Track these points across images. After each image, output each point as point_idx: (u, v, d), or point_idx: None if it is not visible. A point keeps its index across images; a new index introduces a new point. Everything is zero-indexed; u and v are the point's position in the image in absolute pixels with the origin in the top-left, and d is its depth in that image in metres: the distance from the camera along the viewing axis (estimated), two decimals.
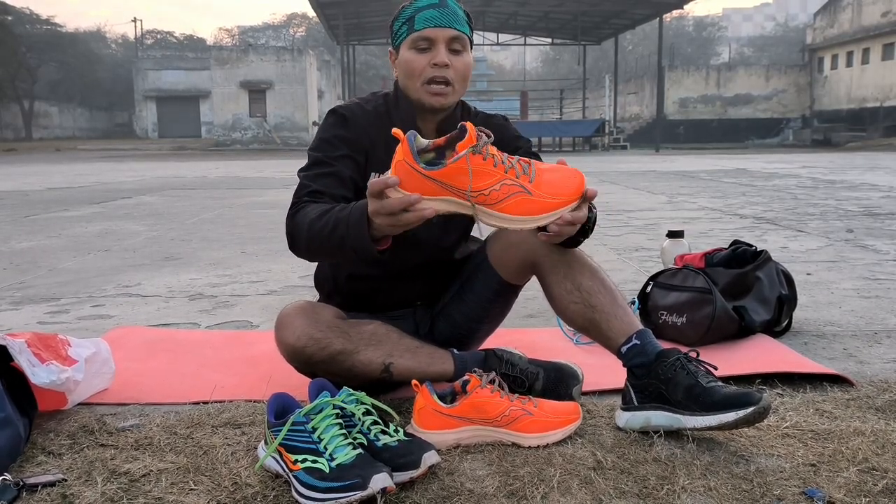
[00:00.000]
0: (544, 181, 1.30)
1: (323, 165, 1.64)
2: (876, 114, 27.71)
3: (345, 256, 1.50)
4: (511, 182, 1.28)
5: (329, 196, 1.58)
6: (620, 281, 3.13)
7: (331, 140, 1.67)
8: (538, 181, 1.29)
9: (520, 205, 1.28)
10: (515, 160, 1.32)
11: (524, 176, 1.29)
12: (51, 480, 1.31)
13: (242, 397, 1.77)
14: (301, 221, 1.53)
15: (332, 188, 1.60)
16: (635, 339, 1.56)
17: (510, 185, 1.28)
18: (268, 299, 2.95)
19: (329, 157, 1.64)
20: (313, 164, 1.65)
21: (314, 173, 1.63)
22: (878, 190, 7.75)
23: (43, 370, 1.56)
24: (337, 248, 1.45)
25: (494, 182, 1.28)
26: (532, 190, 1.28)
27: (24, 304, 2.91)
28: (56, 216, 6.11)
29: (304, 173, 1.65)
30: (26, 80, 39.43)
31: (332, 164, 1.63)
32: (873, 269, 3.37)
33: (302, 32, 56.15)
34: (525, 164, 1.31)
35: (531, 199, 1.28)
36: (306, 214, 1.52)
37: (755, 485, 1.30)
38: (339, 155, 1.65)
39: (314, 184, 1.61)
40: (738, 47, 59.05)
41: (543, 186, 1.29)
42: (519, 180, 1.28)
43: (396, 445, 1.34)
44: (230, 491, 1.29)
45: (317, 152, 1.66)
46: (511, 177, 1.28)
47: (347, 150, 1.66)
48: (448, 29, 1.62)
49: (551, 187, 1.29)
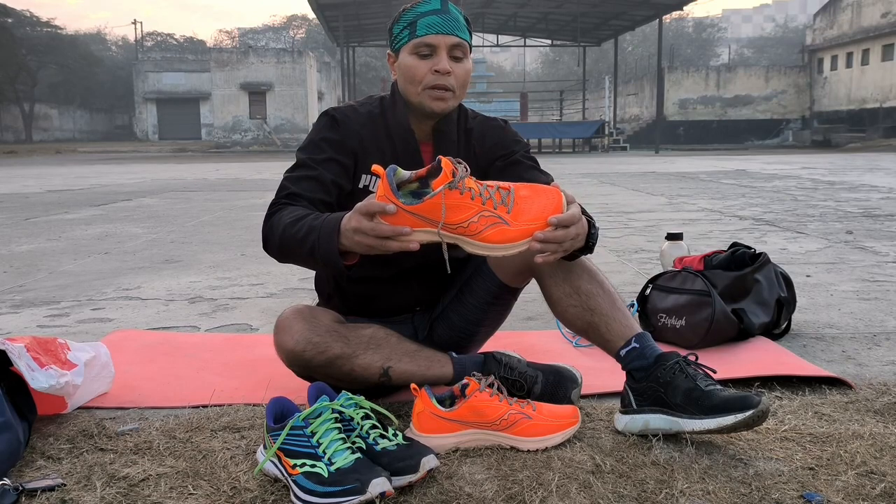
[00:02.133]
0: (523, 210, 1.34)
1: (306, 168, 1.66)
2: (875, 115, 27.72)
3: (314, 264, 1.53)
4: (489, 214, 1.33)
5: (307, 199, 1.61)
6: (619, 283, 3.13)
7: (318, 143, 1.68)
8: (517, 210, 1.34)
9: (498, 234, 1.33)
10: (495, 189, 1.35)
11: (502, 206, 1.34)
12: (50, 485, 1.31)
13: (241, 401, 1.77)
14: (276, 224, 1.55)
15: (311, 192, 1.62)
16: (634, 343, 1.56)
17: (488, 216, 1.33)
18: (267, 302, 2.96)
19: (314, 161, 1.66)
20: (298, 166, 1.68)
21: (297, 175, 1.66)
22: (878, 191, 7.75)
23: (42, 375, 1.56)
24: (307, 256, 1.47)
25: (472, 215, 1.33)
26: (510, 220, 1.33)
27: (23, 308, 2.91)
28: (56, 219, 6.11)
29: (288, 175, 1.68)
30: (26, 83, 39.46)
31: (314, 168, 1.65)
32: (873, 271, 3.37)
33: (302, 34, 56.18)
34: (504, 193, 1.35)
35: (509, 229, 1.33)
36: (281, 218, 1.55)
37: (753, 489, 1.30)
38: (323, 158, 1.66)
39: (293, 186, 1.63)
40: (738, 48, 59.10)
41: (522, 215, 1.34)
42: (497, 211, 1.33)
43: (395, 449, 1.34)
44: (229, 495, 1.30)
45: (303, 154, 1.69)
46: (489, 208, 1.33)
47: (334, 153, 1.67)
48: (450, 36, 1.62)
49: (529, 215, 1.34)
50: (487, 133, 1.79)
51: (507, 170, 1.73)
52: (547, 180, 1.73)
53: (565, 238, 1.35)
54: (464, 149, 1.76)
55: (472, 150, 1.76)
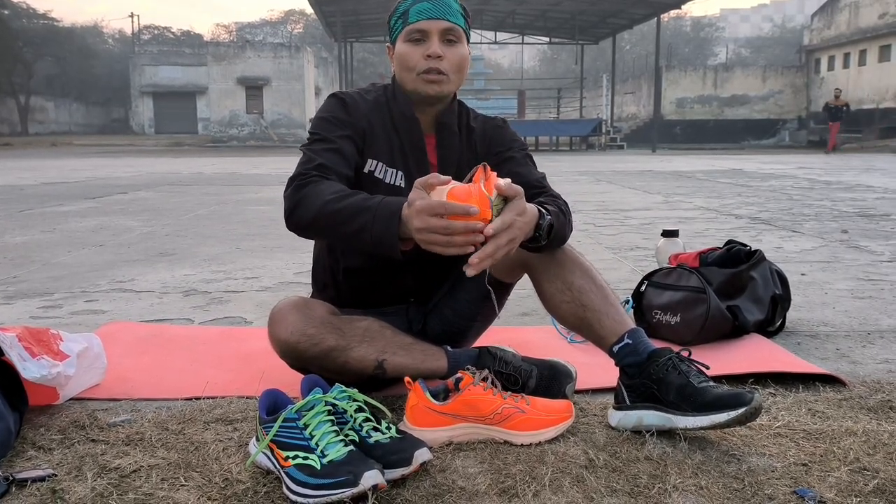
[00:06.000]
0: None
1: (327, 142, 1.63)
2: (872, 115, 27.75)
3: (356, 244, 1.47)
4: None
5: (335, 173, 1.57)
6: (615, 280, 3.13)
7: (332, 120, 1.67)
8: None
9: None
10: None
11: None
12: (41, 475, 1.31)
13: (234, 393, 1.77)
14: (312, 196, 1.49)
15: (337, 165, 1.59)
16: (627, 339, 1.56)
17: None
18: (262, 296, 2.95)
19: (332, 135, 1.64)
20: (317, 140, 1.64)
21: (320, 148, 1.62)
22: (874, 191, 7.76)
23: (34, 365, 1.55)
24: (352, 235, 1.42)
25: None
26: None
27: (17, 299, 2.90)
28: (51, 211, 6.09)
29: (309, 147, 1.63)
30: (22, 75, 39.27)
31: (334, 142, 1.63)
32: (867, 270, 3.38)
33: (299, 29, 56.05)
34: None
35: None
36: (320, 191, 1.49)
37: (746, 484, 1.30)
38: (340, 135, 1.64)
39: (320, 158, 1.58)
40: (736, 48, 59.06)
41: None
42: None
43: (388, 442, 1.34)
44: (221, 487, 1.29)
45: (319, 130, 1.65)
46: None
47: (348, 130, 1.66)
48: (441, 20, 1.63)
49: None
50: (489, 132, 1.81)
51: (501, 165, 1.74)
52: (539, 176, 1.73)
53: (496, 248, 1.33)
54: (466, 144, 1.78)
55: (475, 149, 1.78)
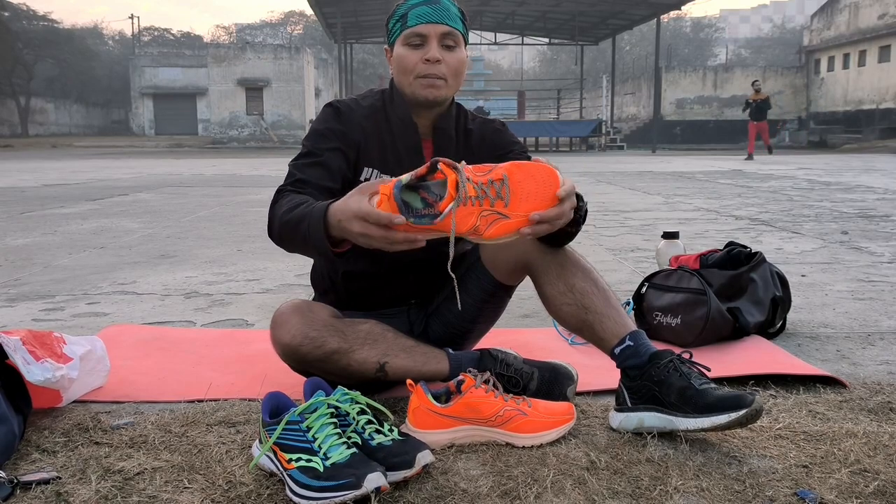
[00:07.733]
0: (520, 198, 1.34)
1: (312, 156, 1.67)
2: (872, 116, 27.76)
3: (308, 253, 1.52)
4: (488, 213, 1.34)
5: (313, 186, 1.61)
6: (615, 282, 3.14)
7: (323, 132, 1.70)
8: (514, 200, 1.34)
9: (499, 229, 1.34)
10: (489, 185, 1.34)
11: (499, 201, 1.34)
12: (45, 478, 1.31)
13: (237, 396, 1.77)
14: (277, 210, 1.56)
15: (318, 178, 1.63)
16: (628, 341, 1.56)
17: (487, 215, 1.34)
18: (263, 298, 2.95)
19: (319, 148, 1.67)
20: (303, 155, 1.69)
21: (303, 163, 1.67)
22: (874, 192, 7.77)
23: (38, 368, 1.56)
24: (301, 242, 1.46)
25: (475, 219, 1.33)
26: (509, 213, 1.34)
27: (19, 301, 2.91)
28: (52, 213, 6.10)
29: (294, 163, 1.68)
30: (22, 77, 39.31)
31: (320, 155, 1.67)
32: (867, 272, 3.38)
33: (299, 30, 56.08)
34: (499, 185, 1.34)
35: (508, 222, 1.34)
36: (281, 206, 1.55)
37: (747, 486, 1.30)
38: (329, 147, 1.68)
39: (300, 173, 1.64)
40: (735, 48, 59.11)
41: (519, 205, 1.33)
42: (494, 207, 1.34)
43: (391, 445, 1.34)
44: (224, 489, 1.30)
45: (308, 143, 1.70)
46: (486, 207, 1.33)
47: (338, 143, 1.69)
48: (440, 25, 1.64)
49: (526, 204, 1.33)
50: (487, 135, 1.82)
51: None
52: None
53: (560, 215, 1.33)
54: (463, 148, 1.78)
55: (472, 152, 1.78)
